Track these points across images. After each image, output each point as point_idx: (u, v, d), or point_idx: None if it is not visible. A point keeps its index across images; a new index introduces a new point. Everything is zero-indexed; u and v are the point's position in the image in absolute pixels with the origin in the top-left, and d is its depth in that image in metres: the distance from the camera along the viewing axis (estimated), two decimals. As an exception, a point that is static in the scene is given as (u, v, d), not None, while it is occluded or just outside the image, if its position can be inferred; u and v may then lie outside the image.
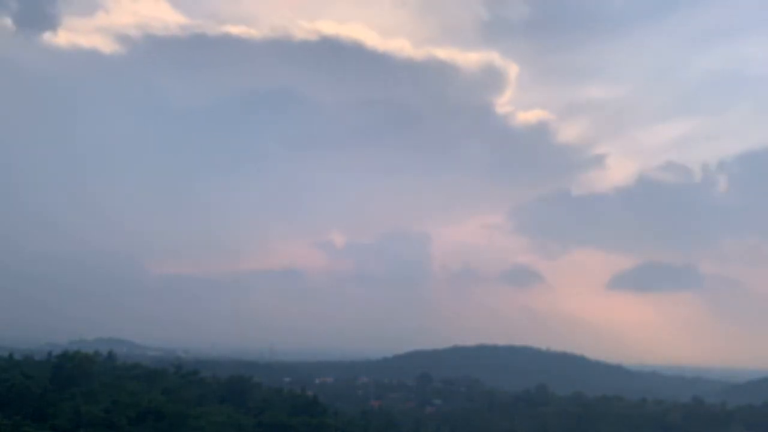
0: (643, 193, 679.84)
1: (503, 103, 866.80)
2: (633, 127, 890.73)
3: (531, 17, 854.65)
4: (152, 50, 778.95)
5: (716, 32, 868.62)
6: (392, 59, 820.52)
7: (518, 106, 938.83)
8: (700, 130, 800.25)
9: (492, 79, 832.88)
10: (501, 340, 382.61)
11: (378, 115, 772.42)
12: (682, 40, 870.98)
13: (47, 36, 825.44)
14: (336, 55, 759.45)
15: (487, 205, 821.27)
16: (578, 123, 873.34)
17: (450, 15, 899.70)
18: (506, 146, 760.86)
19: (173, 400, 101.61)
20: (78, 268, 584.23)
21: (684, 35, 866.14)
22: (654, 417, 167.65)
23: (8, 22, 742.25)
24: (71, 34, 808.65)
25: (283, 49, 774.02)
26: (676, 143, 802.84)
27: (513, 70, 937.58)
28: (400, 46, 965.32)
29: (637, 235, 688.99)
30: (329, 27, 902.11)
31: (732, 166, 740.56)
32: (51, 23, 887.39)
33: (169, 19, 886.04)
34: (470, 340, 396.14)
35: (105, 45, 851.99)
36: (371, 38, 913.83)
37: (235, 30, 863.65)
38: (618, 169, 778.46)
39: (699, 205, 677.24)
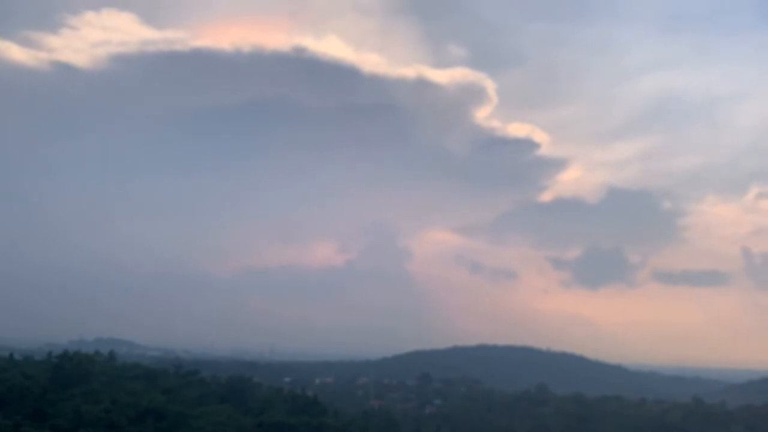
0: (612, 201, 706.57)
1: (480, 117, 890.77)
2: (583, 145, 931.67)
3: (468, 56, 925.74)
4: (120, 64, 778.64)
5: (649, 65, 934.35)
6: (368, 73, 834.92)
7: (488, 121, 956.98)
8: (645, 149, 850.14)
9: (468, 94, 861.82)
10: (501, 340, 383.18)
11: (357, 125, 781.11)
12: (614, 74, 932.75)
13: (14, 51, 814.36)
14: (311, 67, 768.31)
15: (464, 211, 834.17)
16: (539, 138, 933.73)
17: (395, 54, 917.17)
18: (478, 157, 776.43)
19: (173, 400, 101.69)
20: (78, 268, 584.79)
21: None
22: (654, 417, 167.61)
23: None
24: (37, 51, 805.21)
25: (257, 62, 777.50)
26: (622, 162, 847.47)
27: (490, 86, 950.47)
28: (377, 61, 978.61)
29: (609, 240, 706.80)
30: (304, 41, 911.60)
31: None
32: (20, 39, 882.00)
33: (138, 33, 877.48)
34: (470, 340, 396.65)
35: (75, 60, 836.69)
36: (347, 52, 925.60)
37: (204, 43, 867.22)
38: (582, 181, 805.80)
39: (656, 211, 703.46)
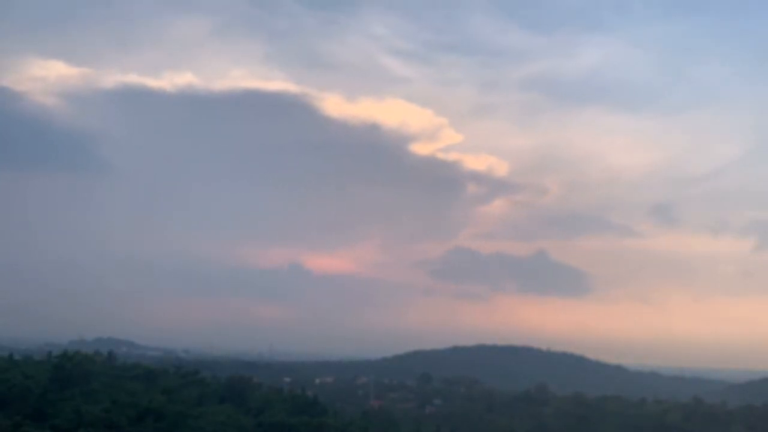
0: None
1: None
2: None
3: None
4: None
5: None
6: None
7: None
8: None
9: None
10: (501, 340, 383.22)
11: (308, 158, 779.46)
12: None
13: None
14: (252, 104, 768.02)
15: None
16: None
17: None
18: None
19: (173, 400, 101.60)
20: (78, 268, 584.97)
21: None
22: (654, 417, 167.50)
23: None
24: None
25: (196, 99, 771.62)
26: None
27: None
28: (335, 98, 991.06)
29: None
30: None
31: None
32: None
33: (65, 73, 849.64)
34: (470, 340, 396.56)
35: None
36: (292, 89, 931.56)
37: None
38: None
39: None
